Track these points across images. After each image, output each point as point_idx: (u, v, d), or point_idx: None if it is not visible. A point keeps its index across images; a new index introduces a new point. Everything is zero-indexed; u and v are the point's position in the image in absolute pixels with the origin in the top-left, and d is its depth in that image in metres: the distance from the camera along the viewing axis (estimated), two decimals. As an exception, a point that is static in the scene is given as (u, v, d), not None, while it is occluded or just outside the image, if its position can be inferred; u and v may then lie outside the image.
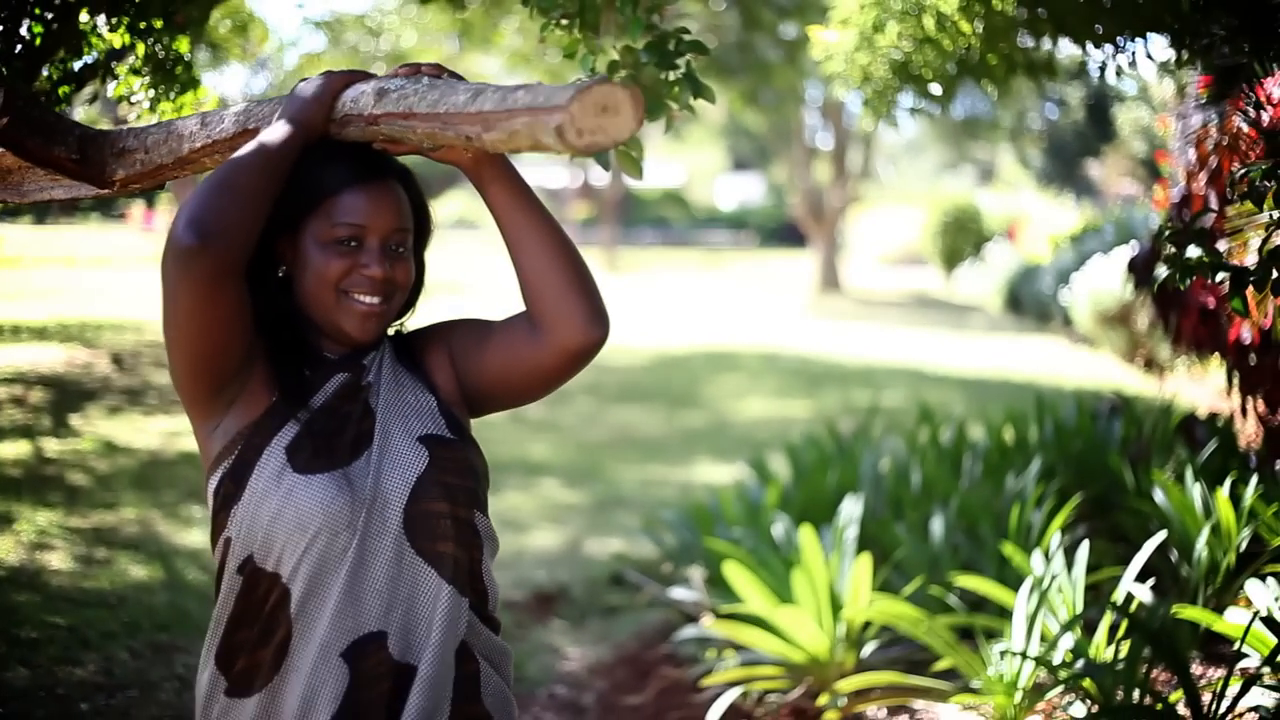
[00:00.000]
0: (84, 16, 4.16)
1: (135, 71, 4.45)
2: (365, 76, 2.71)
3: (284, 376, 2.73)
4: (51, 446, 10.32)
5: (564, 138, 2.16)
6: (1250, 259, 4.26)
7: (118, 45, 4.37)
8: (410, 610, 2.69)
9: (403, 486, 2.70)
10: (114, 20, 4.29)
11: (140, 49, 4.39)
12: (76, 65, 4.34)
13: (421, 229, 2.88)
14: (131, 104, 4.51)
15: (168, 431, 11.51)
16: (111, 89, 4.48)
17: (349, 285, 2.71)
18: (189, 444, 10.97)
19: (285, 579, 2.64)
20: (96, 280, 24.13)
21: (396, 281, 2.76)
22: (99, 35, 4.30)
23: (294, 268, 2.74)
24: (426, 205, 2.89)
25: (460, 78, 2.58)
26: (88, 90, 4.58)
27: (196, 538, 8.26)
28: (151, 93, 4.46)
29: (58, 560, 7.35)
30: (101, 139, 3.31)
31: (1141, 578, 5.41)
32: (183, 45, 4.48)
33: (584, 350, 2.72)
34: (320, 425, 2.71)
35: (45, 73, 4.21)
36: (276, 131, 2.65)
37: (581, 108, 2.14)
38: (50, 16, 4.01)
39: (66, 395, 12.64)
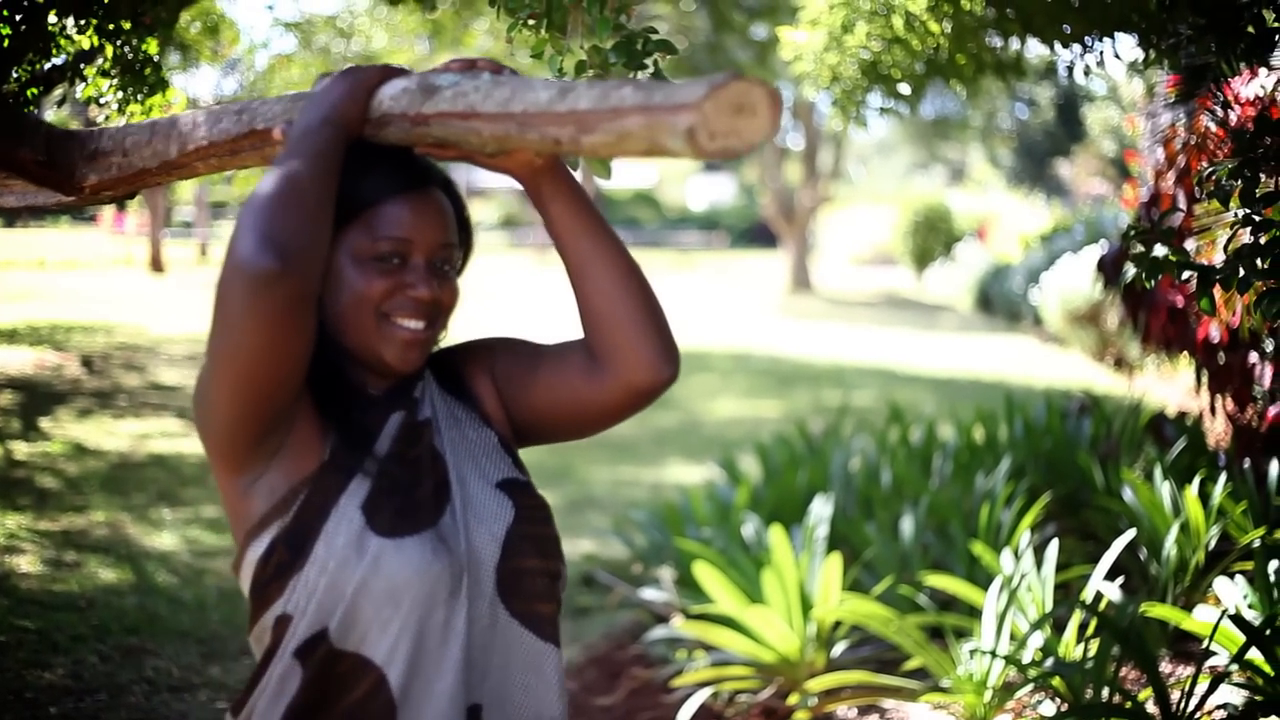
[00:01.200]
0: (52, 18, 4.15)
1: (104, 73, 4.43)
2: (400, 72, 2.39)
3: (342, 421, 2.37)
4: (21, 449, 10.30)
5: (695, 141, 1.88)
6: (1218, 257, 4.28)
7: (86, 47, 4.35)
8: (505, 678, 2.38)
9: (493, 543, 2.38)
10: (82, 22, 4.27)
11: (109, 50, 4.37)
12: (45, 67, 4.32)
13: (464, 245, 2.54)
14: (100, 106, 4.49)
15: (137, 434, 11.49)
16: (80, 91, 4.47)
17: (391, 308, 2.37)
18: (159, 447, 10.96)
19: (380, 662, 2.26)
20: (67, 283, 24.10)
21: (443, 304, 2.44)
22: (67, 37, 4.28)
23: (324, 288, 2.35)
24: (469, 218, 2.57)
25: (517, 74, 2.27)
26: (56, 92, 4.56)
27: (166, 540, 8.24)
28: (120, 94, 4.44)
29: (26, 563, 7.33)
30: (71, 140, 3.10)
31: (1110, 576, 5.43)
32: (151, 47, 4.46)
33: (652, 390, 2.44)
34: (394, 478, 2.34)
35: (14, 75, 4.19)
36: (317, 134, 2.30)
37: (715, 107, 1.87)
38: (18, 18, 4.00)
39: (36, 398, 12.62)
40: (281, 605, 2.28)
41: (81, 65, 4.44)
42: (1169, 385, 13.94)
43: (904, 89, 5.99)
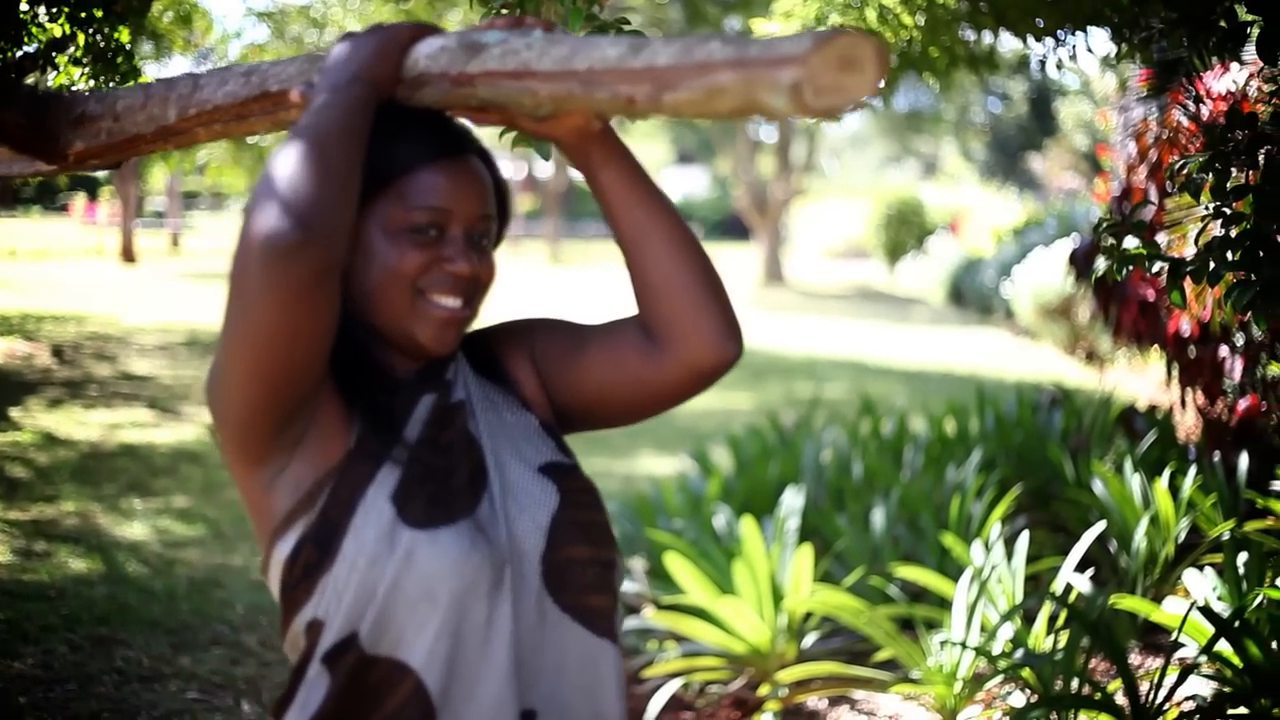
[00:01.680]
0: (24, 5, 4.13)
1: (76, 62, 4.41)
2: (433, 29, 2.19)
3: (367, 404, 2.16)
4: (-10, 439, 10.27)
5: (800, 98, 1.74)
6: (1189, 251, 4.29)
7: (58, 35, 4.33)
8: (559, 680, 2.16)
9: (537, 531, 2.17)
10: (54, 10, 4.26)
11: (80, 39, 4.36)
12: (16, 55, 4.31)
13: (501, 218, 2.35)
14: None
15: (108, 424, 11.46)
16: (51, 79, 4.45)
17: (427, 284, 2.17)
18: (129, 437, 10.93)
19: (417, 667, 2.04)
20: (38, 273, 24.03)
21: (482, 280, 2.24)
22: (39, 25, 4.26)
23: (349, 263, 2.15)
24: (506, 188, 2.37)
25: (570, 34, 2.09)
26: (28, 81, 4.54)
27: (137, 531, 8.22)
28: (92, 83, 4.43)
29: (-4, 553, 7.32)
30: (56, 103, 2.88)
31: (1081, 568, 5.45)
32: (124, 35, 4.45)
33: (715, 369, 2.28)
34: (426, 464, 2.13)
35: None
36: (346, 92, 2.09)
37: (822, 61, 1.73)
38: (-11, 6, 3.98)
39: (6, 387, 12.58)
40: (312, 610, 2.08)
41: (53, 53, 4.42)
42: (1140, 378, 13.98)
43: (877, 82, 5.99)
